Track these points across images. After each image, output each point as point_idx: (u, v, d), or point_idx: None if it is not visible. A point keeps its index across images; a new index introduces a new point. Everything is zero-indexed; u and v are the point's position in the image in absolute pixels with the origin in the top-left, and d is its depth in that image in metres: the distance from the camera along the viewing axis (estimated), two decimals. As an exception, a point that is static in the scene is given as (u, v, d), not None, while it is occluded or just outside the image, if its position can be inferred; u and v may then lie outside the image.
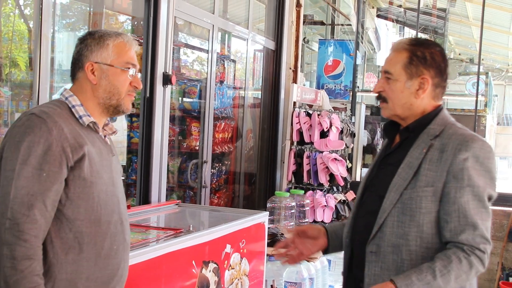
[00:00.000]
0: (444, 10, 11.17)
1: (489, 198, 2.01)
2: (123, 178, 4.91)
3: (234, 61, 5.79)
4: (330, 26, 10.59)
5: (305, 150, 5.70)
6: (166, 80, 3.99)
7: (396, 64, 2.09)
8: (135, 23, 4.92)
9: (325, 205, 5.42)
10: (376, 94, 2.17)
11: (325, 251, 2.35)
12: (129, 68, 1.99)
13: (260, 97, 6.18)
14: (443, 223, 1.97)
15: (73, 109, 1.93)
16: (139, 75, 2.05)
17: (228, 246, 3.23)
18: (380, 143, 9.29)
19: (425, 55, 2.07)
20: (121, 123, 5.71)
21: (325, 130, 5.60)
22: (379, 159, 2.25)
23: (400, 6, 11.34)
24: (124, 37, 2.02)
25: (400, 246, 2.00)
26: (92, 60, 1.96)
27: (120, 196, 2.02)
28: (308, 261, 3.99)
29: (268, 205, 4.92)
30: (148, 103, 3.96)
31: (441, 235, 1.99)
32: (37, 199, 1.74)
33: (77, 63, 1.99)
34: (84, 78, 1.98)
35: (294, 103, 5.85)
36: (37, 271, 1.73)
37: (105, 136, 2.03)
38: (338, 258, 4.36)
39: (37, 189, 1.75)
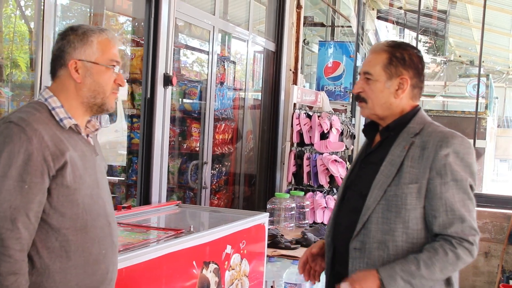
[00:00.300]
0: (444, 12, 11.16)
1: (471, 189, 2.06)
2: (123, 178, 4.92)
3: (234, 62, 5.80)
4: (330, 27, 10.60)
5: (305, 151, 5.71)
6: (167, 81, 4.00)
7: (376, 65, 2.13)
8: (136, 24, 4.93)
9: (325, 207, 5.43)
10: (355, 95, 2.21)
11: None
12: (114, 65, 1.93)
13: (260, 98, 6.19)
14: (431, 219, 2.02)
15: (53, 112, 1.85)
16: (121, 71, 1.99)
17: (229, 247, 3.23)
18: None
19: (404, 56, 2.13)
20: (121, 124, 5.72)
21: (325, 131, 5.61)
22: (359, 159, 2.29)
23: (400, 8, 11.35)
24: (107, 33, 1.95)
25: (387, 242, 2.04)
26: (76, 57, 1.88)
27: (106, 197, 1.96)
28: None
29: (268, 206, 4.93)
30: (148, 104, 3.97)
31: (427, 230, 2.04)
32: (20, 212, 1.69)
33: (59, 60, 1.90)
34: (66, 76, 1.89)
35: (294, 104, 5.86)
36: (23, 285, 1.69)
37: (87, 136, 1.97)
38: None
39: (19, 202, 1.69)
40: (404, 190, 2.03)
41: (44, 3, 3.09)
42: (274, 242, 4.17)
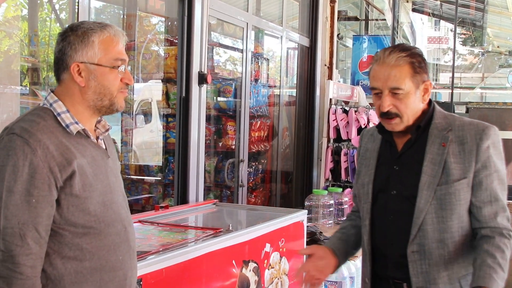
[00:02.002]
0: (482, 1, 10.92)
1: None
2: (159, 178, 4.94)
3: (268, 59, 5.76)
4: (364, 21, 10.48)
5: (343, 147, 5.64)
6: (202, 79, 3.98)
7: (404, 78, 2.05)
8: (169, 23, 4.94)
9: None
10: (382, 112, 2.09)
11: (336, 268, 2.34)
12: (119, 64, 1.82)
13: (295, 94, 6.14)
14: (476, 210, 2.05)
15: (58, 118, 1.75)
16: (128, 68, 1.87)
17: (268, 245, 3.20)
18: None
19: (421, 60, 2.09)
20: (156, 124, 5.74)
21: (363, 126, 5.53)
22: (384, 160, 2.20)
23: (436, -1, 11.15)
24: (110, 30, 1.82)
25: (446, 239, 2.05)
26: (78, 60, 1.77)
27: (120, 200, 1.89)
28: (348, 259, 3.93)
29: (306, 203, 4.88)
30: (184, 103, 3.96)
31: (472, 221, 2.07)
32: (29, 228, 1.63)
33: (61, 64, 1.79)
34: (70, 80, 1.79)
35: (330, 100, 5.80)
36: None
37: (97, 138, 1.87)
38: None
39: (27, 217, 1.63)
40: (456, 187, 2.04)
41: (78, 6, 3.10)
42: (313, 239, 4.12)
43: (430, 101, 2.16)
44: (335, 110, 5.68)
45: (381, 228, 2.17)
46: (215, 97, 5.15)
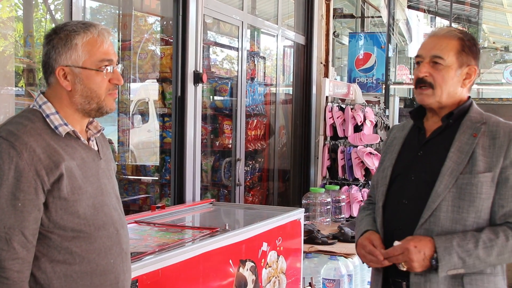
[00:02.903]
0: (477, -3, 10.93)
1: None
2: (157, 178, 4.93)
3: (264, 57, 5.76)
4: (360, 19, 10.48)
5: (339, 145, 5.64)
6: (197, 78, 3.98)
7: (449, 50, 2.05)
8: (164, 23, 4.93)
9: (361, 200, 5.34)
10: (418, 78, 2.09)
11: None
12: (105, 66, 1.77)
13: (291, 93, 6.14)
14: (497, 208, 1.99)
15: (47, 119, 1.73)
16: (119, 67, 1.82)
17: (265, 244, 3.19)
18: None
19: (473, 45, 2.08)
20: (153, 124, 5.73)
21: (359, 124, 5.53)
22: (409, 147, 2.18)
23: (431, -5, 11.14)
24: (93, 30, 1.76)
25: (456, 231, 1.98)
26: (62, 64, 1.74)
27: (113, 203, 1.85)
28: (346, 257, 3.93)
29: (303, 201, 4.88)
30: (180, 103, 3.95)
31: (492, 220, 2.00)
32: (15, 232, 1.61)
33: (47, 67, 1.76)
34: (57, 84, 1.76)
35: (327, 97, 5.79)
36: None
37: (89, 139, 1.84)
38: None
39: (13, 221, 1.61)
40: (480, 179, 1.98)
41: (72, 6, 3.09)
42: (311, 237, 4.12)
43: (469, 97, 2.13)
44: (332, 108, 5.67)
45: (393, 212, 2.13)
46: (211, 96, 5.14)
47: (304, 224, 3.79)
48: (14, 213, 1.62)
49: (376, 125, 5.74)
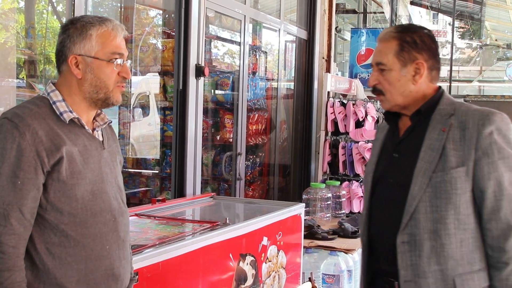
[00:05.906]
0: (480, -6, 10.89)
1: None
2: (157, 171, 4.93)
3: (266, 52, 5.74)
4: (362, 14, 10.45)
5: (340, 140, 5.64)
6: (199, 72, 3.97)
7: (388, 54, 2.04)
8: (166, 16, 4.91)
9: (362, 196, 5.34)
10: (371, 88, 2.10)
11: None
12: (116, 58, 1.85)
13: (293, 87, 6.13)
14: (480, 201, 1.94)
15: (54, 106, 1.80)
16: (128, 62, 1.91)
17: (265, 239, 3.19)
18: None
19: (415, 39, 2.03)
20: (154, 117, 5.72)
21: (361, 119, 5.53)
22: (386, 149, 2.17)
23: (434, -9, 11.11)
24: (108, 24, 1.86)
25: (438, 230, 1.94)
26: (75, 52, 1.82)
27: (113, 191, 1.90)
28: (346, 252, 3.93)
29: (304, 196, 4.88)
30: (181, 96, 3.94)
31: (476, 214, 1.96)
32: (13, 208, 1.67)
33: (61, 56, 1.85)
34: (68, 72, 1.85)
35: (328, 93, 5.79)
36: (18, 281, 1.67)
37: (94, 130, 1.90)
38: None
39: (12, 198, 1.67)
40: (453, 175, 1.93)
41: (74, -2, 3.09)
42: (311, 233, 4.12)
43: (438, 88, 2.09)
44: (333, 103, 5.67)
45: (376, 218, 2.12)
46: (212, 90, 5.13)
47: (305, 219, 3.79)
48: (13, 191, 1.68)
49: (377, 121, 5.73)
